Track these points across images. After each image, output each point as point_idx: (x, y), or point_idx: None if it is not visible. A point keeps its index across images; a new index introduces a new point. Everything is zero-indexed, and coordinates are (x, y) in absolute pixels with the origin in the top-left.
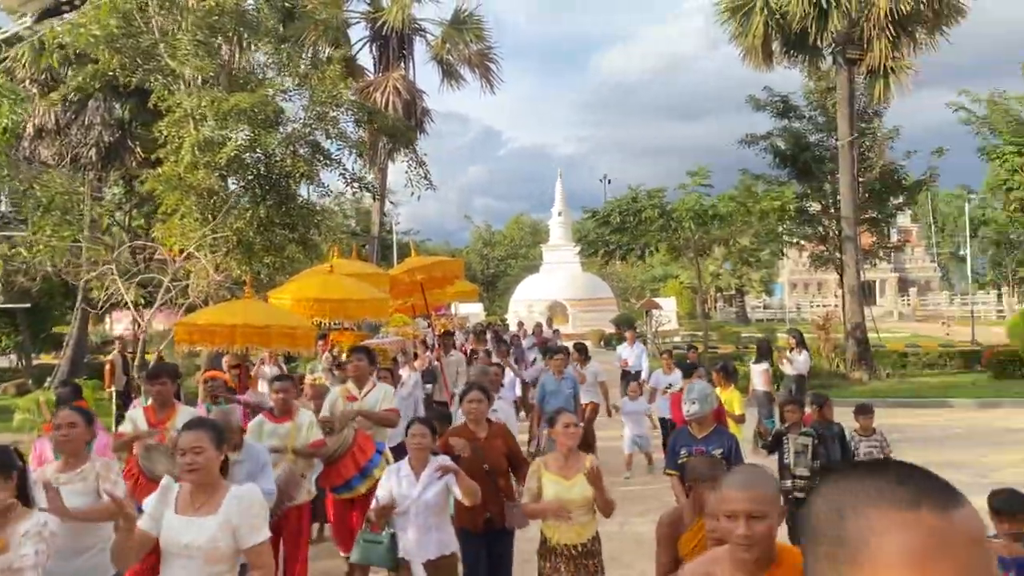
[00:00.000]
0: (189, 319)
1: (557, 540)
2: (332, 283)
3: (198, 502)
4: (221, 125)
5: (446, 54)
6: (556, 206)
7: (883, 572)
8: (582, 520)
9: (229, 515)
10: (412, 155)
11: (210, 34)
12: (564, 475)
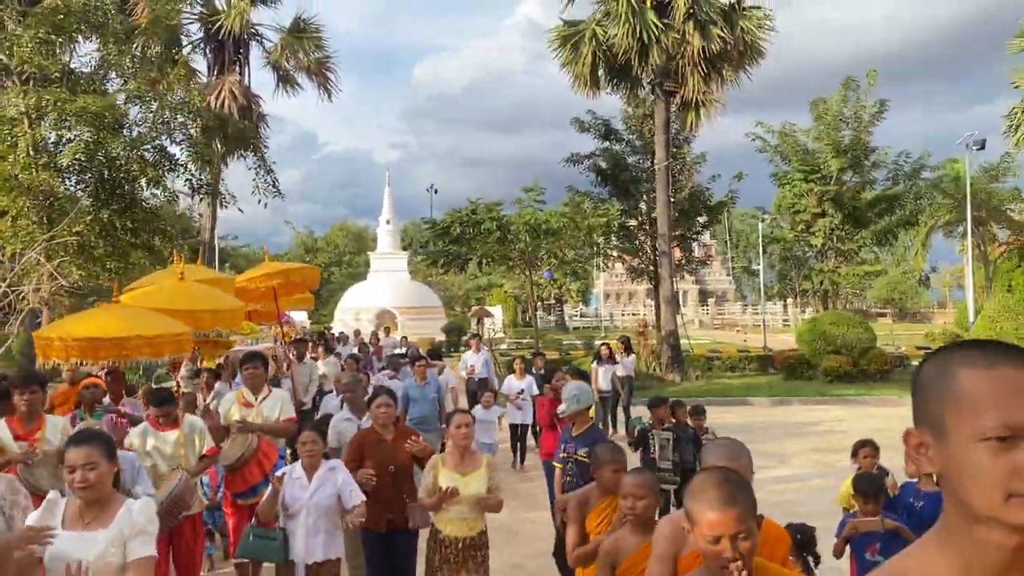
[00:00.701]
0: (45, 332)
1: (448, 532)
2: (183, 292)
3: (88, 516)
4: (60, 125)
5: (284, 61)
6: (384, 214)
7: (973, 407)
8: (472, 515)
9: (121, 527)
10: (260, 162)
11: (53, 32)
12: (460, 471)
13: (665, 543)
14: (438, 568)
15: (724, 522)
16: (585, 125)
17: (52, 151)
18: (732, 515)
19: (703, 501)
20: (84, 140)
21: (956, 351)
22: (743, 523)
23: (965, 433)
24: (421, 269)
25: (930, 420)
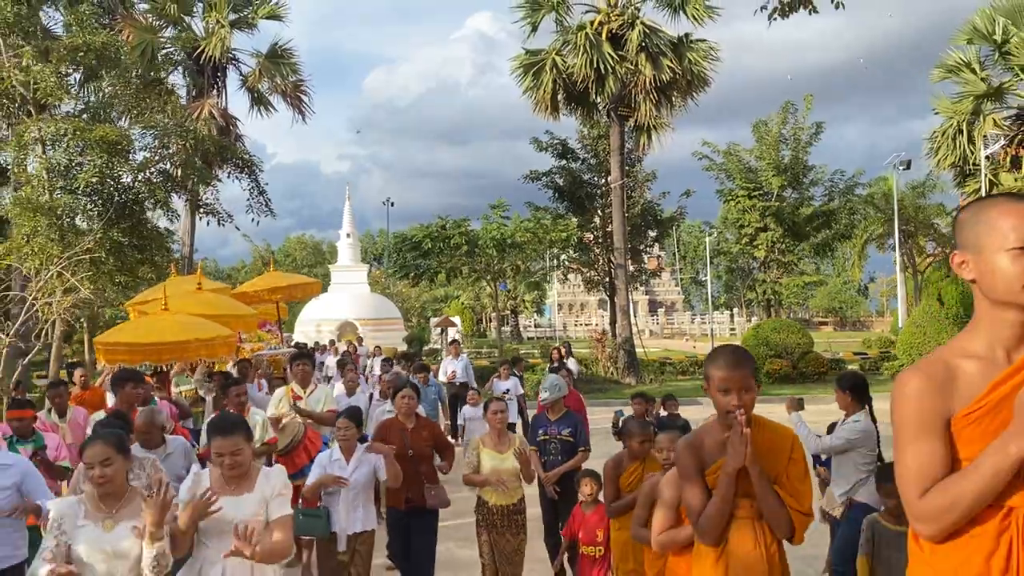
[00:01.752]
0: (108, 338)
1: (493, 502)
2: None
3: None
4: (73, 151)
5: (260, 84)
6: (344, 227)
7: (1001, 229)
8: (512, 486)
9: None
10: (254, 184)
11: (73, 67)
12: (498, 450)
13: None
14: (484, 531)
15: (732, 378)
16: (543, 145)
17: (66, 175)
18: (738, 373)
19: (717, 362)
20: (96, 165)
21: (988, 199)
22: (746, 380)
23: (996, 246)
24: (379, 281)
25: (969, 243)
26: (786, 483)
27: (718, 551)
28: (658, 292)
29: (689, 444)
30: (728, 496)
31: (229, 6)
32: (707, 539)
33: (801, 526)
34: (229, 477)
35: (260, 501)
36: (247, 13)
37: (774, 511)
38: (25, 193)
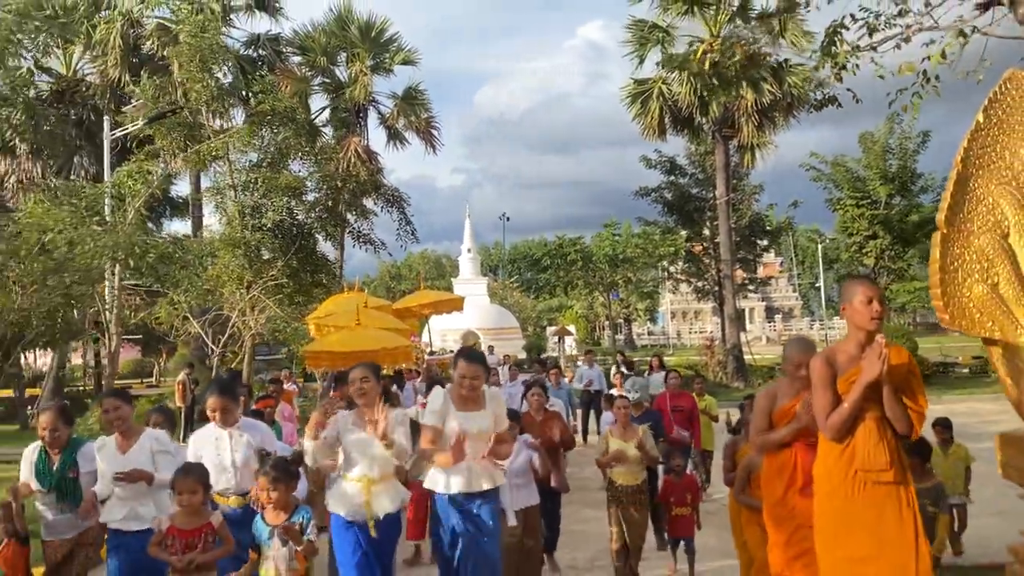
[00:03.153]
0: (314, 347)
1: (621, 482)
2: (382, 316)
3: (469, 403)
4: (262, 195)
5: (396, 122)
6: (465, 243)
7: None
8: (636, 469)
9: (493, 410)
10: (402, 216)
11: (264, 127)
12: (624, 439)
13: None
14: (613, 506)
15: (872, 289)
16: (652, 162)
17: (254, 215)
18: (875, 288)
19: (857, 284)
20: (279, 206)
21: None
22: (881, 293)
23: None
24: (496, 292)
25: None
26: (907, 391)
27: (844, 444)
28: (775, 298)
29: (824, 357)
30: (859, 401)
31: (370, 55)
32: (834, 435)
33: (919, 422)
34: (467, 398)
35: (490, 417)
36: (384, 59)
37: (898, 413)
38: (226, 231)
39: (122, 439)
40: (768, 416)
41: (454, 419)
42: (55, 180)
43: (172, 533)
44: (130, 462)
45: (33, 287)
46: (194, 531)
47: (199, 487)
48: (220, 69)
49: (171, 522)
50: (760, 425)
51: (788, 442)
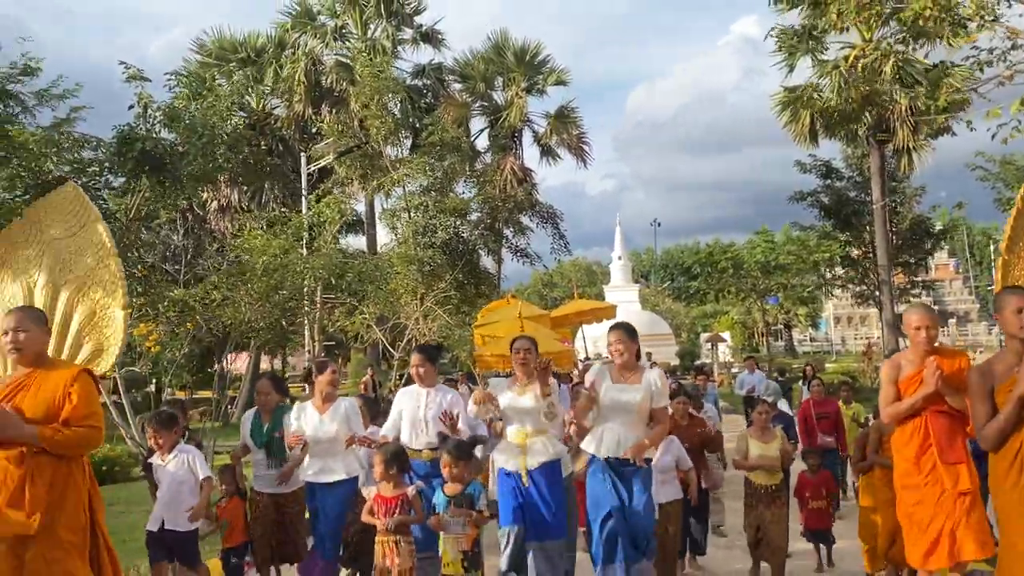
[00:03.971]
0: (486, 351)
1: (758, 482)
2: (540, 322)
3: (624, 376)
4: (432, 216)
5: (548, 140)
6: (616, 250)
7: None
8: (774, 469)
9: (648, 385)
10: (556, 231)
11: (435, 158)
12: (763, 440)
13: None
14: (751, 506)
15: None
16: (807, 167)
17: (425, 233)
18: None
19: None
20: (447, 226)
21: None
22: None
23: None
24: (648, 299)
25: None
26: None
27: (1013, 454)
28: (948, 302)
29: (980, 369)
30: (1013, 414)
31: (524, 78)
32: (988, 445)
33: None
34: (623, 371)
35: (646, 391)
36: (538, 81)
37: None
38: (402, 249)
39: (321, 403)
40: (895, 385)
41: (607, 391)
42: (251, 206)
43: (377, 500)
44: (325, 421)
45: (258, 303)
46: (393, 499)
47: (395, 466)
48: (393, 101)
49: (377, 491)
50: (888, 394)
51: (918, 409)
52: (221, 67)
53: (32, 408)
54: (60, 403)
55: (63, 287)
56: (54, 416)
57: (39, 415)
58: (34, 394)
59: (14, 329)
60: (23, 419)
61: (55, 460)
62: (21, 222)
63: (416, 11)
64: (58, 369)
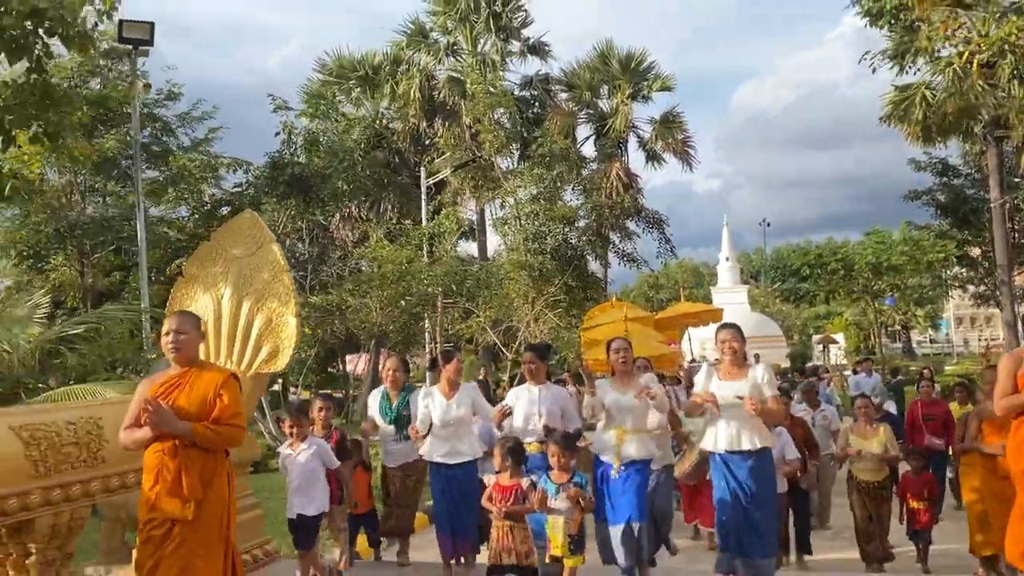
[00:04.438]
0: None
1: (862, 478)
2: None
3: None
4: (541, 224)
5: (653, 145)
6: (723, 252)
7: None
8: (877, 467)
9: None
10: (662, 235)
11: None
12: (864, 436)
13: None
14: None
15: None
16: (921, 165)
17: (535, 240)
18: None
19: None
20: (557, 233)
21: None
22: None
23: None
24: (758, 300)
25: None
26: None
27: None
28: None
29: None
30: None
31: (630, 85)
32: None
33: None
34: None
35: (753, 383)
36: (643, 87)
37: None
38: (513, 256)
39: (448, 389)
40: (1013, 378)
41: (715, 388)
42: (370, 215)
43: (496, 488)
44: (452, 406)
45: (388, 308)
46: (510, 487)
47: (512, 458)
48: (504, 116)
49: (496, 480)
50: (1006, 387)
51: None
52: (341, 85)
53: (186, 405)
54: (212, 402)
55: (245, 298)
56: (205, 414)
57: (192, 412)
58: (188, 392)
59: (175, 331)
60: (178, 415)
61: (204, 453)
62: (209, 244)
63: (523, 24)
64: (209, 371)
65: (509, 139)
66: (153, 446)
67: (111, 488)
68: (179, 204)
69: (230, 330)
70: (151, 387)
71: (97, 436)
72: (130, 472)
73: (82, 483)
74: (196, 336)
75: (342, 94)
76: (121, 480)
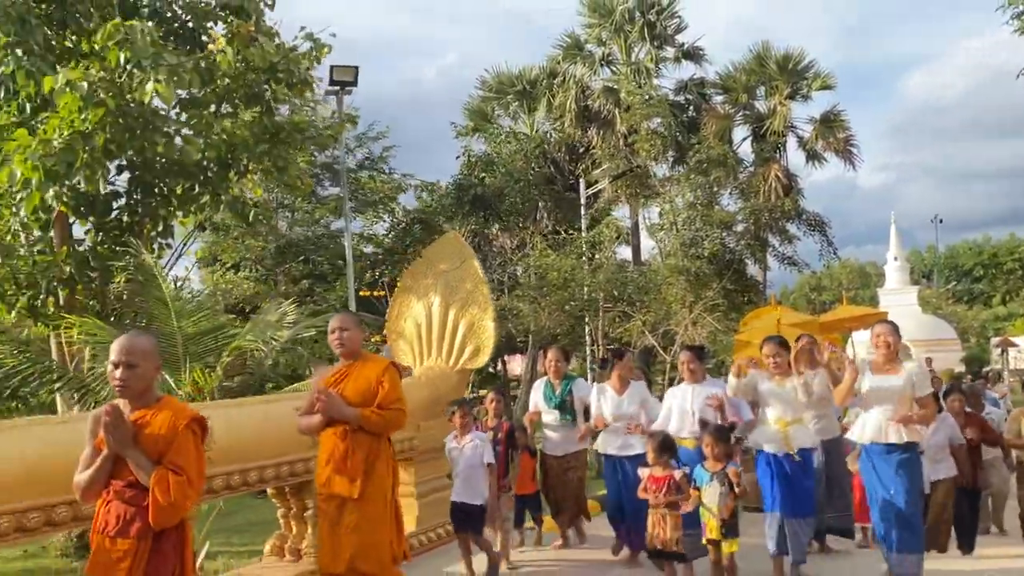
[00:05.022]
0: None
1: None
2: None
3: (885, 367)
4: (698, 229)
5: (814, 145)
6: (891, 251)
7: None
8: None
9: (909, 375)
10: (824, 239)
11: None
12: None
13: None
14: None
15: None
16: None
17: (692, 246)
18: None
19: None
20: (714, 238)
21: None
22: None
23: None
24: (930, 301)
25: None
26: None
27: None
28: None
29: None
30: None
31: (788, 85)
32: None
33: None
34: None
35: (906, 379)
36: (802, 87)
37: None
38: (670, 261)
39: (619, 386)
40: None
41: (867, 382)
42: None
43: (650, 479)
44: (623, 403)
45: (556, 312)
46: (662, 479)
47: (665, 453)
48: (662, 125)
49: (650, 472)
50: None
51: None
52: (500, 99)
53: (353, 394)
54: (375, 390)
55: (451, 306)
56: (370, 400)
57: (358, 399)
58: (354, 382)
59: (340, 328)
60: (346, 403)
61: (370, 437)
62: (420, 260)
63: (677, 30)
64: (372, 362)
65: (665, 146)
66: (326, 431)
67: None
68: (376, 221)
69: (439, 332)
70: (323, 379)
71: None
72: None
73: None
74: (357, 332)
75: (500, 108)
76: None
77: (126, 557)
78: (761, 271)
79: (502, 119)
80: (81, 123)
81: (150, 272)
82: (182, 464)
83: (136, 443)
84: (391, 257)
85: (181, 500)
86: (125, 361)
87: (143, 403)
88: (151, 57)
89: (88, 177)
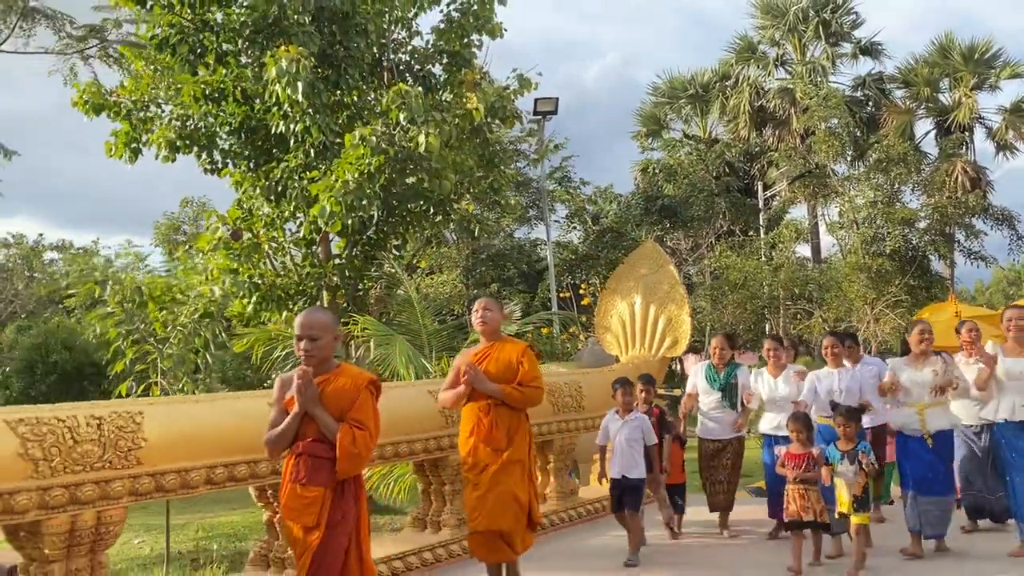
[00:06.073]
0: None
1: None
2: None
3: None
4: (880, 227)
5: (1004, 136)
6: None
7: None
8: None
9: None
10: (1013, 232)
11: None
12: None
13: None
14: None
15: None
16: None
17: (873, 243)
18: None
19: None
20: (897, 236)
21: None
22: None
23: None
24: None
25: None
26: None
27: None
28: None
29: None
30: None
31: (973, 76)
32: None
33: None
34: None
35: None
36: (989, 76)
37: None
38: (851, 259)
39: (776, 371)
40: None
41: (1001, 364)
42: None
43: (788, 456)
44: (779, 385)
45: (736, 310)
46: (801, 455)
47: (804, 430)
48: (840, 125)
49: (788, 449)
50: None
51: None
52: (672, 104)
53: (495, 371)
54: (515, 369)
55: (651, 304)
56: (510, 378)
57: (499, 377)
58: (495, 360)
59: (485, 308)
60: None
61: (510, 412)
62: (622, 266)
63: (854, 26)
64: (511, 343)
65: (844, 146)
66: (469, 405)
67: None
68: (571, 230)
69: (641, 326)
70: (468, 356)
71: (578, 394)
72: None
73: None
74: (499, 315)
75: (672, 112)
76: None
77: (315, 503)
78: (948, 267)
79: (675, 123)
80: (366, 167)
81: (396, 278)
82: (363, 420)
83: (320, 402)
84: (585, 263)
85: (364, 451)
86: (308, 335)
87: (324, 369)
88: (424, 115)
89: (366, 207)
